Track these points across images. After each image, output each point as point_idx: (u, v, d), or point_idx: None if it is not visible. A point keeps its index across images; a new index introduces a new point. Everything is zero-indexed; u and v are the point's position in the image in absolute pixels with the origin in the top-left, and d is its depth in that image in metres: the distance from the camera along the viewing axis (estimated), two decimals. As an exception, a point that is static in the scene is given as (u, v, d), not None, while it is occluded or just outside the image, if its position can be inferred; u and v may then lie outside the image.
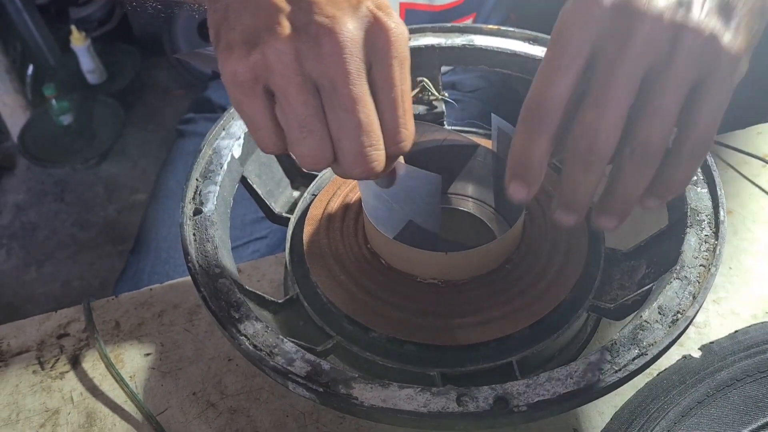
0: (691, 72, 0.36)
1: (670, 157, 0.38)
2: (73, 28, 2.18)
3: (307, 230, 0.54)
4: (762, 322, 0.56)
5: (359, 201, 0.55)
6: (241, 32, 0.39)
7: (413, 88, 0.62)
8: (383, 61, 0.39)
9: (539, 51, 0.61)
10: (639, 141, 0.37)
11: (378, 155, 0.40)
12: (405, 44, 0.40)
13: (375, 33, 0.39)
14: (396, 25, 0.39)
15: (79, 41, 2.18)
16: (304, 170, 0.60)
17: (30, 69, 2.26)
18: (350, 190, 0.57)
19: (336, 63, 0.38)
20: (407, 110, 0.41)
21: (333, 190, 0.57)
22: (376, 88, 0.40)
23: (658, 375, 0.53)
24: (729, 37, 0.36)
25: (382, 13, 0.39)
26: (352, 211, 0.55)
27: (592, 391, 0.40)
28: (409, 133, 0.41)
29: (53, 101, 2.07)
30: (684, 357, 0.54)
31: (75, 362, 0.62)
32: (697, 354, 0.54)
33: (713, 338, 0.54)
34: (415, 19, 0.89)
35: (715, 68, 0.36)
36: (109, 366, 0.60)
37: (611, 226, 0.40)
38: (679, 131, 0.38)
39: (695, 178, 0.51)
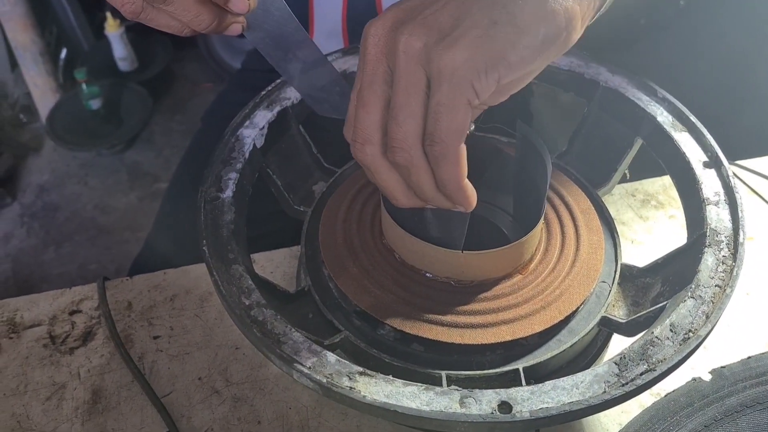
0: (410, 71, 0.40)
1: None
2: (108, 14, 2.21)
3: (324, 222, 0.55)
4: (776, 351, 0.55)
5: (378, 196, 0.55)
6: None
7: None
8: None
9: (564, 59, 0.61)
10: (388, 139, 0.42)
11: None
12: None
13: None
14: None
15: (113, 28, 2.22)
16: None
17: (63, 52, 2.30)
18: (369, 186, 0.57)
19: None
20: None
21: (352, 186, 0.57)
22: None
23: (665, 396, 0.52)
24: (441, 48, 0.39)
25: None
26: (369, 206, 0.55)
27: (597, 403, 0.39)
28: None
29: (84, 86, 2.10)
30: (693, 379, 0.53)
31: (85, 339, 0.62)
32: (707, 377, 0.53)
33: (725, 362, 0.54)
34: None
35: (431, 73, 0.40)
36: (119, 345, 0.61)
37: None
38: None
39: (717, 198, 0.51)
